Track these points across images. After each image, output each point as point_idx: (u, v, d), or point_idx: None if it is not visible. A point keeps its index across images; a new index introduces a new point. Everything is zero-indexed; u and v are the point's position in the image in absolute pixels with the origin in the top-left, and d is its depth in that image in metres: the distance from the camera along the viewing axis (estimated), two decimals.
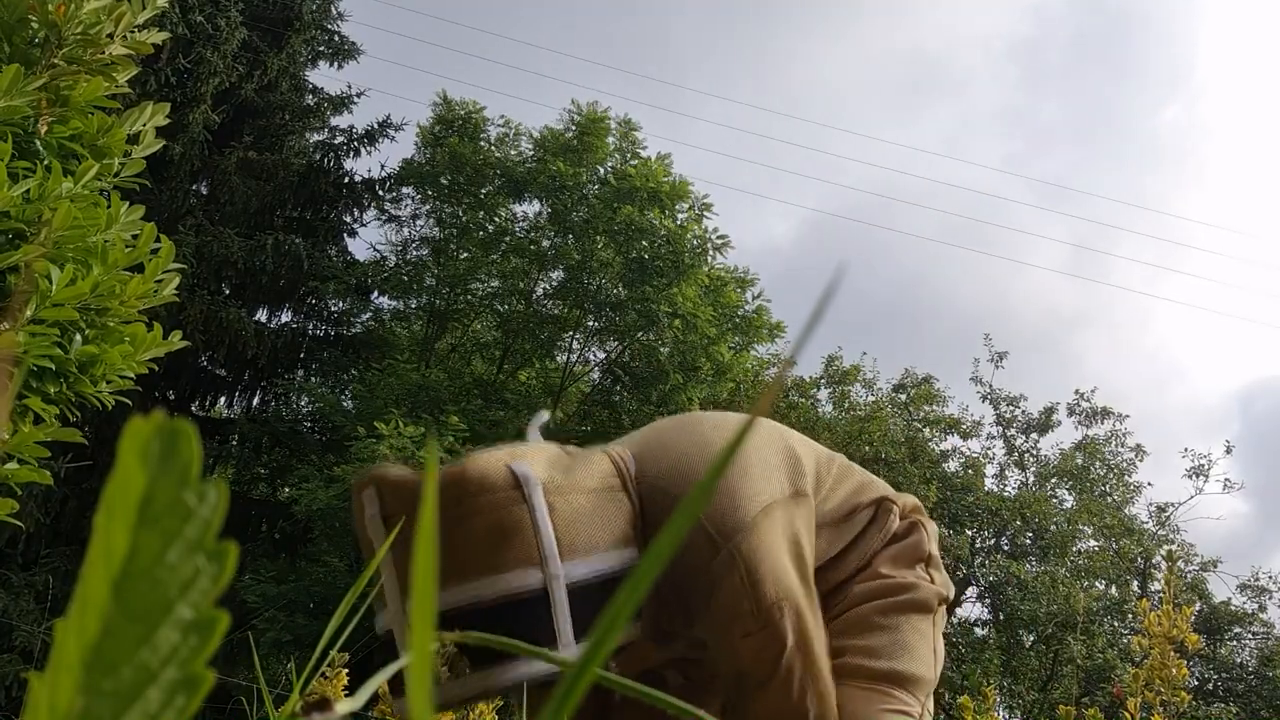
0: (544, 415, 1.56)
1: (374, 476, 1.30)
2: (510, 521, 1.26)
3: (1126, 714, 2.89)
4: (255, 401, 14.66)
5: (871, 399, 15.85)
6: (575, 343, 14.34)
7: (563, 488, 1.31)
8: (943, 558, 1.66)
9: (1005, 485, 16.26)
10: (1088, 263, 37.17)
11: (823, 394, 16.02)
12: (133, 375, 1.83)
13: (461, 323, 14.94)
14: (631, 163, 13.86)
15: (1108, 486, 16.29)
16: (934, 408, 16.33)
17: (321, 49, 15.61)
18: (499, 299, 14.45)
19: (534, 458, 1.33)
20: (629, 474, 1.41)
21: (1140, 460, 16.40)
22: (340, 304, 14.94)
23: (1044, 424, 16.52)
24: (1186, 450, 18.37)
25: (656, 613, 1.42)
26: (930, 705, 1.52)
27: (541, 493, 1.29)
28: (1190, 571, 15.92)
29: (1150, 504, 16.72)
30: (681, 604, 1.40)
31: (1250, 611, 16.03)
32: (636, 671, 1.59)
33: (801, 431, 1.68)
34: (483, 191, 14.18)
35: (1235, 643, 15.94)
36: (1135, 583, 15.59)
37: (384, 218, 15.12)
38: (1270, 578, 16.27)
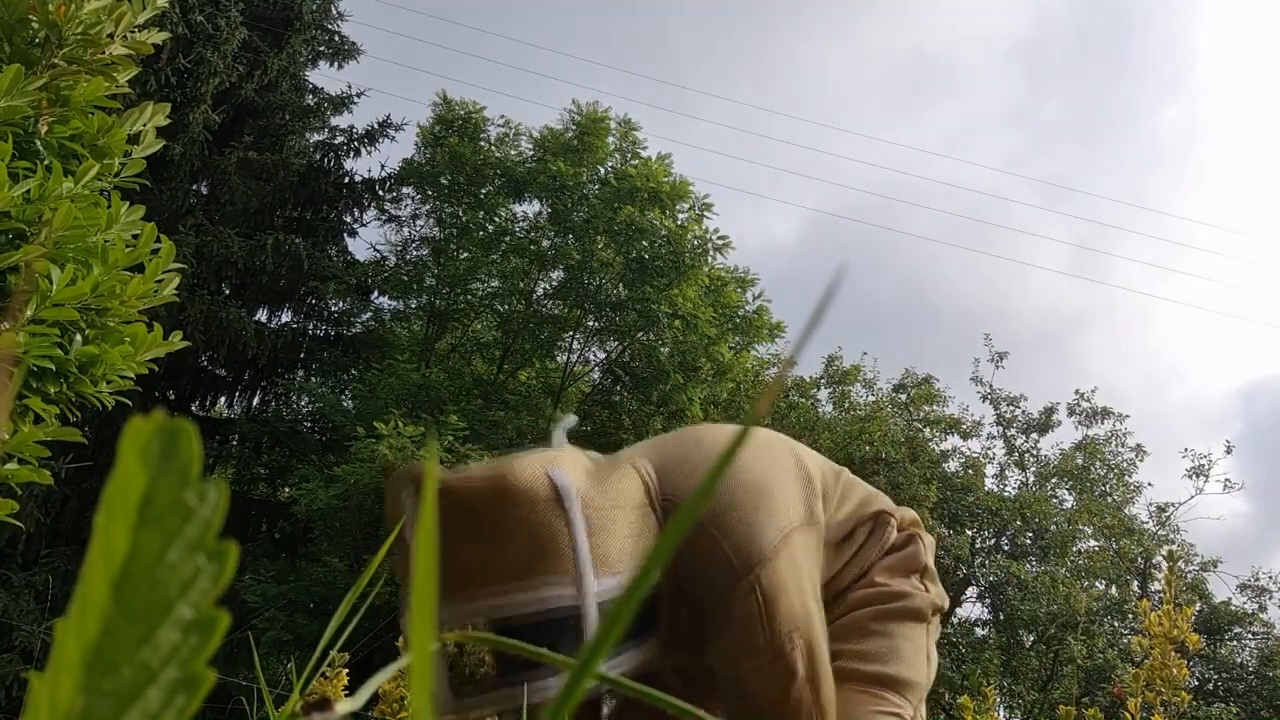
0: (571, 419, 1.56)
1: (415, 477, 1.29)
2: (549, 534, 1.26)
3: (1127, 714, 2.89)
4: (255, 401, 14.66)
5: (871, 399, 15.85)
6: (575, 343, 14.35)
7: (598, 503, 1.31)
8: (943, 558, 1.68)
9: (1005, 485, 16.27)
10: (1088, 263, 37.20)
11: (823, 394, 16.03)
12: (133, 375, 1.83)
13: (461, 323, 14.94)
14: (632, 163, 13.86)
15: (1108, 486, 16.29)
16: (934, 408, 16.34)
17: (321, 49, 15.61)
18: (499, 299, 14.46)
19: (570, 468, 1.33)
20: (655, 491, 1.42)
21: (1140, 460, 16.42)
22: (340, 304, 14.95)
23: (1044, 424, 16.52)
24: (1187, 450, 18.39)
25: (672, 629, 1.42)
26: (923, 710, 1.54)
27: (579, 506, 1.29)
28: (1190, 571, 15.92)
29: (1150, 504, 16.75)
30: (696, 625, 1.41)
31: (1250, 611, 16.04)
32: (638, 674, 1.59)
33: (801, 432, 1.70)
34: (483, 191, 14.18)
35: (1235, 643, 15.94)
36: (1135, 583, 15.59)
37: (384, 218, 15.14)
38: (1270, 578, 16.28)
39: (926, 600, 1.57)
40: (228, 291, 13.99)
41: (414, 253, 14.89)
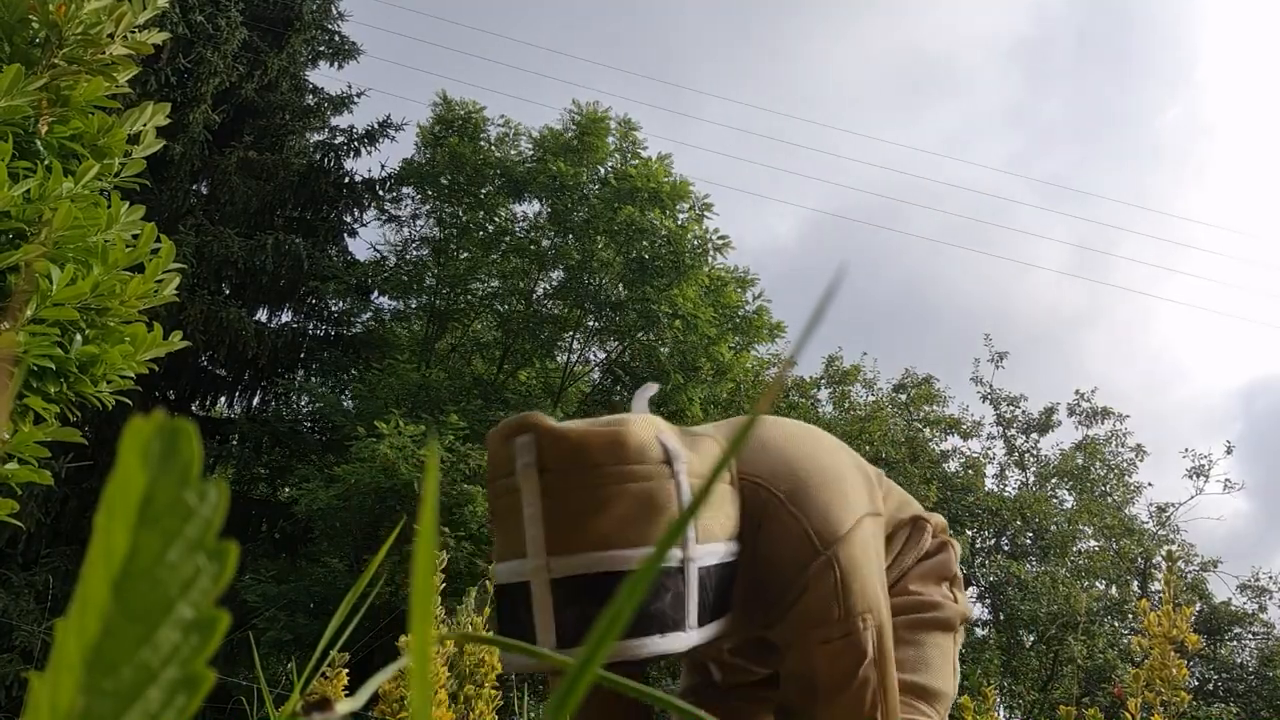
0: (654, 387, 1.56)
1: (532, 423, 1.25)
2: (661, 496, 1.25)
3: (1127, 714, 2.89)
4: (255, 401, 14.66)
5: (872, 399, 15.86)
6: (575, 343, 14.35)
7: (698, 472, 1.31)
8: None
9: (1005, 485, 16.28)
10: (1089, 263, 37.19)
11: (823, 394, 16.04)
12: (133, 375, 1.83)
13: (461, 323, 14.94)
14: (632, 163, 13.86)
15: (1108, 487, 16.30)
16: (934, 408, 16.35)
17: (321, 49, 15.61)
18: (499, 299, 14.45)
19: (670, 434, 1.32)
20: (733, 468, 1.42)
21: (1140, 460, 16.44)
22: (340, 304, 14.94)
23: (1044, 424, 16.53)
24: (1187, 450, 18.43)
25: (747, 605, 1.41)
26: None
27: (686, 472, 1.29)
28: (1190, 572, 15.92)
29: (1150, 504, 16.77)
30: (767, 599, 1.41)
31: (1250, 612, 16.04)
32: (701, 660, 1.63)
33: None
34: (483, 191, 14.18)
35: (1235, 643, 15.95)
36: (1135, 583, 15.59)
37: (384, 218, 15.14)
38: (1270, 578, 16.29)
39: (956, 611, 1.60)
40: (228, 291, 13.98)
41: (414, 253, 14.90)
